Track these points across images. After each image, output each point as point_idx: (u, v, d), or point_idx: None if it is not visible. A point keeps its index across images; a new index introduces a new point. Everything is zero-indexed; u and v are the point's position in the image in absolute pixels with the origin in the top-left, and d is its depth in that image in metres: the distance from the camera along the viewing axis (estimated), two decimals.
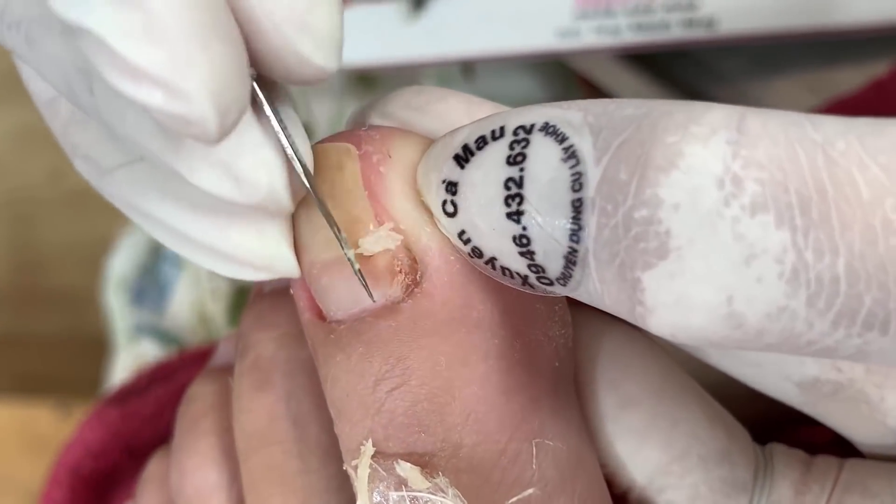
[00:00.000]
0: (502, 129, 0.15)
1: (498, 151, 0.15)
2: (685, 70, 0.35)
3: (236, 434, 0.21)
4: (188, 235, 0.16)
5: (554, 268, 0.15)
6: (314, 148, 0.17)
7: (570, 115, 0.15)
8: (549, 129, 0.15)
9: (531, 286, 0.16)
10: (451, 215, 0.16)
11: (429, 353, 0.16)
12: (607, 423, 0.19)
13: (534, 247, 0.15)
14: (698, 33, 0.31)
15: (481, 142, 0.15)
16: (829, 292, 0.12)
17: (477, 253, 0.16)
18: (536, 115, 0.15)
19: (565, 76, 0.39)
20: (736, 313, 0.13)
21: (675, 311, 0.13)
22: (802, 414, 0.19)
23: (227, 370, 0.24)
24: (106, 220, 0.56)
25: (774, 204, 0.12)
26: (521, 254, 0.15)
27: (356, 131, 0.18)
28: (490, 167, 0.15)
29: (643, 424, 0.19)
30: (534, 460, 0.17)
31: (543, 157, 0.14)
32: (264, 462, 0.21)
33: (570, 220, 0.14)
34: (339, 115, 0.40)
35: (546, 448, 0.17)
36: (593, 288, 0.14)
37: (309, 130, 0.41)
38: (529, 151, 0.15)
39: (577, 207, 0.14)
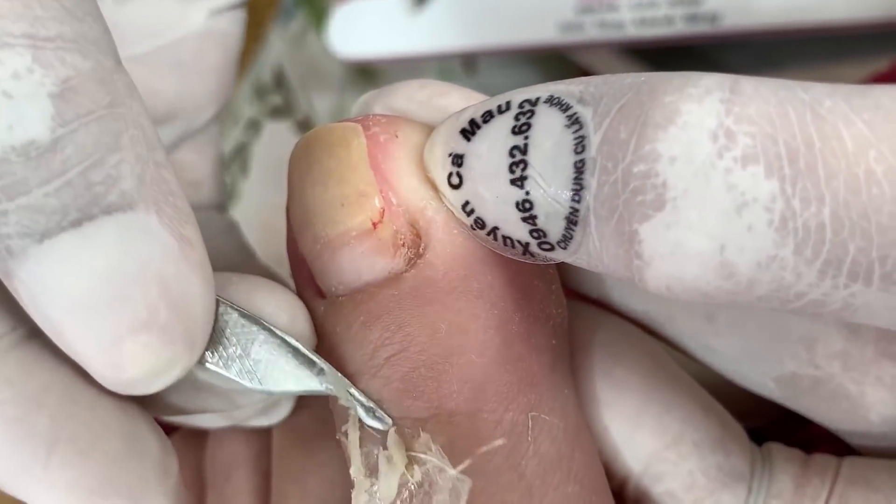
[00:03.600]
0: (508, 103, 0.16)
1: (504, 123, 0.16)
2: (688, 65, 0.35)
3: None
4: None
5: (555, 230, 0.15)
6: (316, 130, 0.18)
7: (573, 87, 0.15)
8: (553, 101, 0.15)
9: (532, 254, 0.16)
10: (456, 187, 0.16)
11: (429, 320, 0.17)
12: (601, 409, 0.19)
13: (536, 211, 0.15)
14: (702, 28, 0.31)
15: (487, 115, 0.16)
16: (815, 240, 0.13)
17: (479, 224, 0.16)
18: (541, 90, 0.16)
19: (567, 70, 0.39)
20: (728, 262, 0.13)
21: (670, 261, 0.14)
22: (797, 415, 0.19)
23: None
24: None
25: (764, 155, 0.13)
26: (524, 219, 0.15)
27: (362, 117, 0.18)
28: (496, 137, 0.16)
29: (636, 409, 0.19)
30: (529, 433, 0.17)
31: (547, 125, 0.15)
32: (287, 431, 0.22)
33: (573, 181, 0.14)
34: (339, 108, 0.40)
35: (542, 422, 0.17)
36: (593, 247, 0.15)
37: (310, 124, 0.41)
38: (534, 121, 0.15)
39: (580, 168, 0.14)
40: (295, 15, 0.43)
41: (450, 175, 0.16)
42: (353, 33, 0.36)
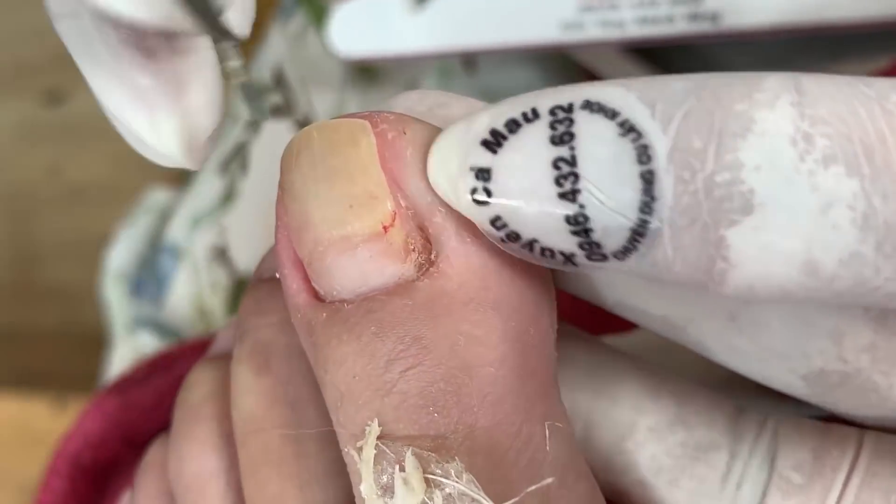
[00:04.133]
0: (534, 110, 0.15)
1: (538, 132, 0.15)
2: (689, 64, 0.35)
3: (234, 419, 0.21)
4: (98, 95, 0.17)
5: (614, 243, 0.15)
6: (322, 125, 0.17)
7: (611, 91, 0.15)
8: (593, 107, 0.15)
9: (574, 264, 0.16)
10: (483, 203, 0.15)
11: (447, 332, 0.16)
12: None
13: (592, 224, 0.15)
14: (703, 27, 0.31)
15: (513, 125, 0.15)
16: (895, 236, 0.14)
17: (513, 237, 0.16)
18: (572, 94, 0.15)
19: (568, 70, 0.38)
20: (813, 260, 0.14)
21: (757, 262, 0.14)
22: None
23: (228, 357, 0.23)
24: (104, 216, 0.56)
25: (843, 155, 0.14)
26: (574, 232, 0.15)
27: (369, 112, 0.17)
28: (532, 148, 0.15)
29: (585, 410, 0.19)
30: (547, 442, 0.17)
31: (595, 133, 0.15)
32: (262, 446, 0.20)
33: (642, 192, 0.14)
34: (339, 107, 0.40)
35: (557, 430, 0.17)
36: (661, 256, 0.15)
37: (309, 123, 0.41)
38: (577, 130, 0.15)
39: (648, 179, 0.14)
40: (294, 13, 0.43)
41: (474, 190, 0.15)
42: (353, 32, 0.36)
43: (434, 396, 0.16)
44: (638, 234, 0.14)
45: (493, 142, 0.15)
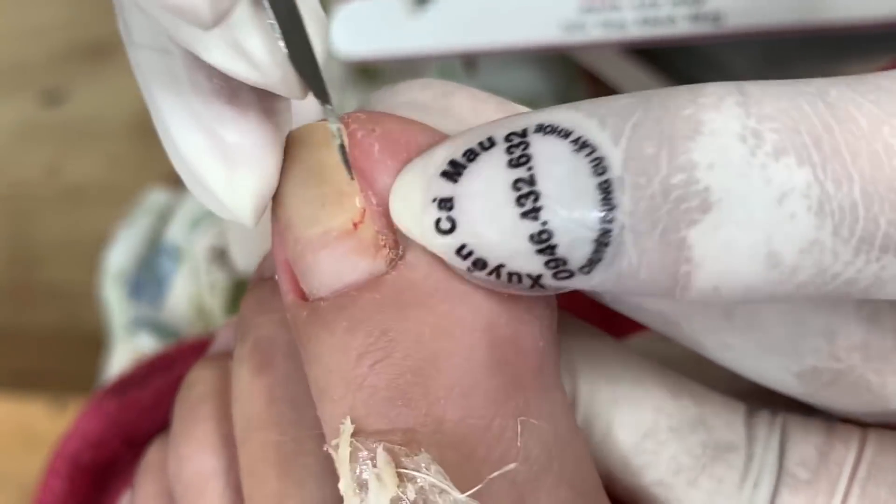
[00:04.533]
0: (490, 139, 0.16)
1: (495, 158, 0.15)
2: (691, 65, 0.35)
3: (235, 417, 0.21)
4: (172, 138, 0.17)
5: (579, 256, 0.15)
6: (299, 129, 0.18)
7: (562, 113, 0.15)
8: (546, 129, 0.15)
9: (542, 286, 0.16)
10: (448, 231, 0.16)
11: (413, 324, 0.16)
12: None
13: (556, 240, 0.15)
14: (704, 28, 0.31)
15: (470, 154, 0.16)
16: (850, 219, 0.14)
17: (480, 265, 0.16)
18: (524, 121, 0.16)
19: (569, 70, 0.38)
20: (774, 252, 0.14)
21: (721, 260, 0.14)
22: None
23: (227, 357, 0.23)
24: (103, 217, 0.56)
25: (793, 146, 0.14)
26: (539, 251, 0.15)
27: (343, 114, 0.18)
28: (491, 173, 0.15)
29: (606, 409, 0.19)
30: (518, 438, 0.17)
31: (550, 153, 0.15)
32: (261, 444, 0.21)
33: (601, 202, 0.15)
34: (340, 108, 0.39)
35: (531, 427, 0.17)
36: (626, 265, 0.15)
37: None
38: (533, 151, 0.15)
39: (606, 189, 0.15)
40: None
41: (437, 221, 0.16)
42: (354, 33, 0.36)
43: (402, 389, 0.16)
44: (601, 243, 0.15)
45: (453, 172, 0.16)
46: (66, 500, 0.30)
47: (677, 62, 0.35)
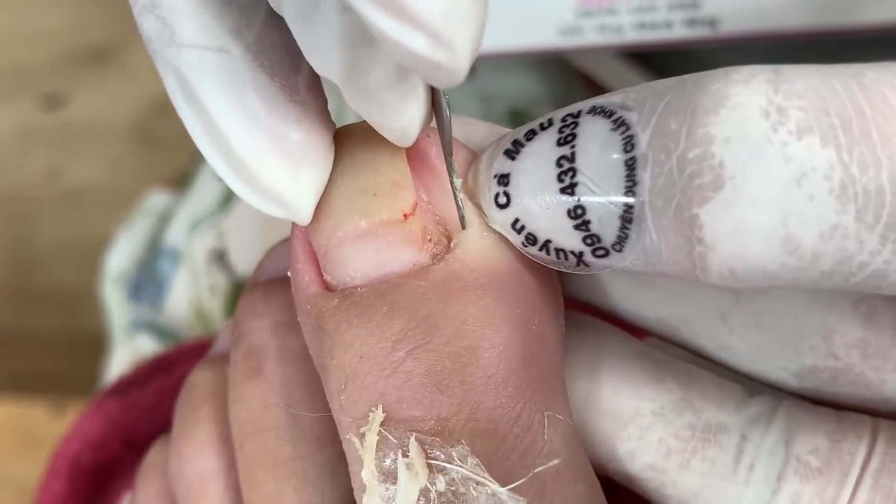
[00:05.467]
0: (550, 120, 0.16)
1: (548, 137, 0.16)
2: (687, 69, 0.35)
3: (231, 421, 0.22)
4: (227, 139, 0.17)
5: (609, 233, 0.15)
6: (351, 126, 0.18)
7: (614, 97, 0.16)
8: (595, 110, 0.16)
9: (586, 264, 0.16)
10: (504, 206, 0.16)
11: (456, 312, 0.17)
12: None
13: (589, 215, 0.15)
14: (701, 32, 0.31)
15: (530, 134, 0.16)
16: (875, 204, 0.13)
17: (531, 239, 0.16)
18: (582, 104, 0.16)
19: (566, 74, 0.39)
20: (792, 236, 0.14)
21: (733, 241, 0.14)
22: None
23: (227, 358, 0.23)
24: (103, 219, 0.56)
25: (818, 126, 0.14)
26: (577, 227, 0.16)
27: None
28: (541, 151, 0.16)
29: (584, 398, 0.19)
30: (545, 431, 0.17)
31: (593, 131, 0.16)
32: (257, 448, 0.21)
33: (625, 179, 0.15)
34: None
35: (556, 421, 0.17)
36: (650, 243, 0.15)
37: None
38: (579, 130, 0.16)
39: (631, 165, 0.15)
40: None
41: (497, 195, 0.17)
42: None
43: (439, 374, 0.16)
44: (626, 220, 0.15)
45: (513, 150, 0.16)
46: (67, 501, 0.31)
47: (674, 66, 0.35)
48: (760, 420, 0.19)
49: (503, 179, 0.16)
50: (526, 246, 0.16)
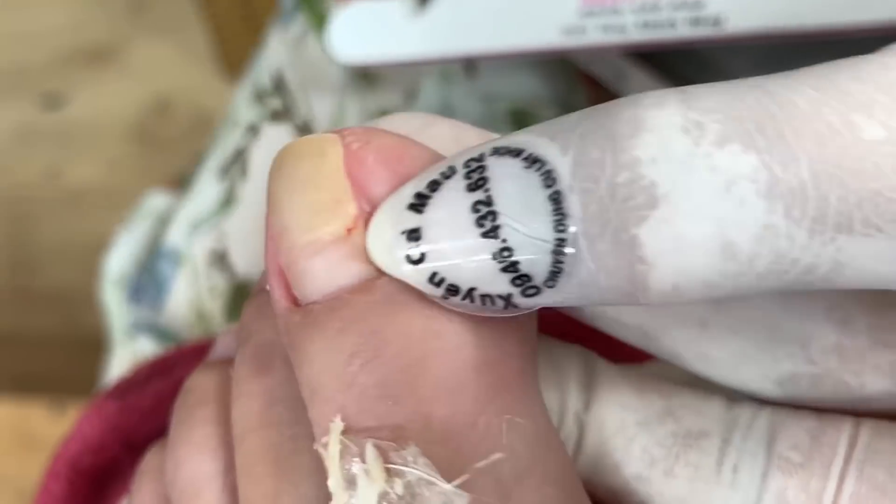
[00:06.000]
0: (451, 168, 0.16)
1: (456, 185, 0.16)
2: (691, 69, 0.35)
3: (234, 418, 0.22)
4: None
5: (541, 270, 0.15)
6: (293, 143, 0.18)
7: (515, 137, 0.16)
8: (500, 151, 0.16)
9: (514, 305, 0.16)
10: (418, 261, 0.16)
11: (403, 325, 0.17)
12: None
13: (517, 255, 0.15)
14: (704, 32, 0.31)
15: (434, 185, 0.16)
16: (800, 198, 0.14)
17: (453, 290, 0.16)
18: (479, 148, 0.16)
19: (569, 74, 0.38)
20: (729, 242, 0.14)
21: (675, 256, 0.14)
22: None
23: (227, 363, 0.24)
24: (103, 220, 0.56)
25: (737, 134, 0.14)
26: (504, 269, 0.16)
27: (338, 129, 0.19)
28: (453, 199, 0.16)
29: (573, 412, 0.20)
30: (504, 436, 0.17)
31: (504, 172, 0.16)
32: (259, 444, 0.21)
33: (553, 212, 0.15)
34: (339, 112, 0.40)
35: (516, 425, 0.17)
36: (586, 272, 0.15)
37: (309, 128, 0.41)
38: (489, 174, 0.16)
39: (556, 199, 0.15)
40: (295, 19, 0.43)
41: (407, 252, 0.16)
42: (353, 37, 0.36)
43: (391, 387, 0.17)
44: (558, 254, 0.15)
45: (419, 203, 0.16)
46: (66, 503, 0.30)
47: (678, 66, 0.35)
48: (742, 423, 0.19)
49: (412, 234, 0.16)
50: (447, 298, 0.16)
